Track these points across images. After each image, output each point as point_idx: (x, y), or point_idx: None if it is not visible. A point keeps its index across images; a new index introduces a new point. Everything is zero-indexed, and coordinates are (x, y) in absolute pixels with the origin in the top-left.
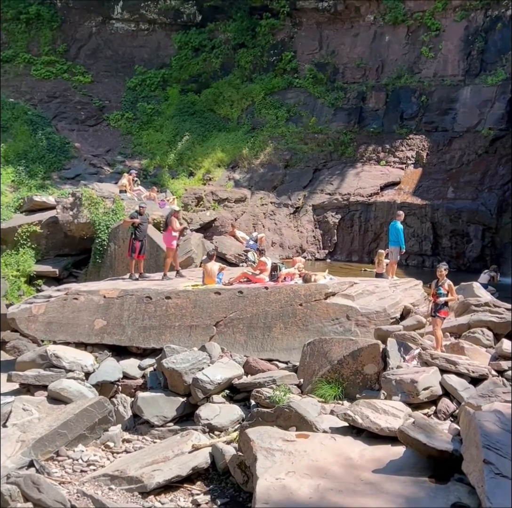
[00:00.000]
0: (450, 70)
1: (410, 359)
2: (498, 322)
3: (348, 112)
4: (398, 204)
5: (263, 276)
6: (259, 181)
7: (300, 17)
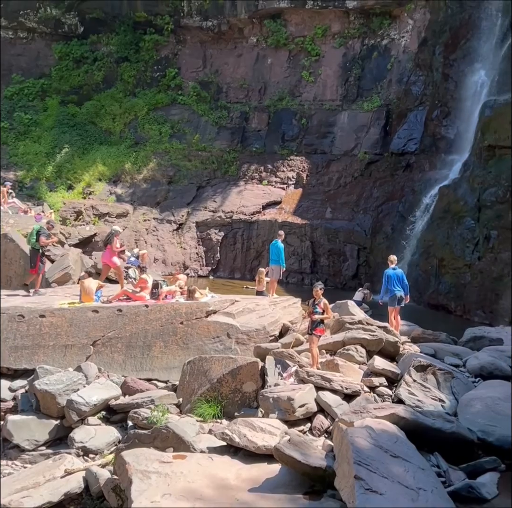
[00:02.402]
0: (329, 95)
1: (288, 376)
2: (371, 339)
3: (232, 131)
4: (279, 223)
5: (144, 294)
6: (142, 196)
7: (184, 34)
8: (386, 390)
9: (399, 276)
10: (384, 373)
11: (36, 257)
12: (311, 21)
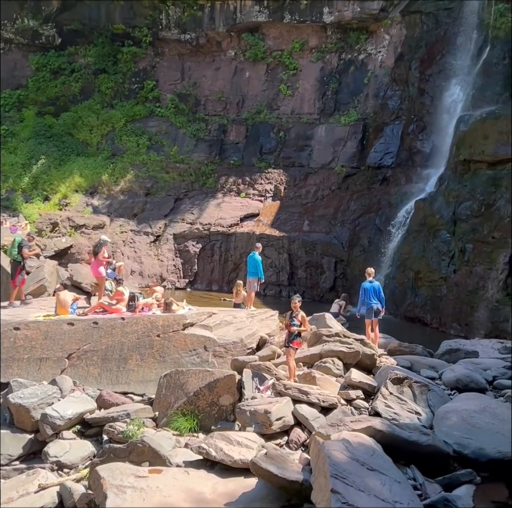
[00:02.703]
0: (306, 108)
1: (265, 389)
2: (348, 352)
3: (210, 143)
4: (257, 235)
5: (120, 306)
6: (119, 208)
7: (162, 47)
8: (363, 403)
9: (375, 288)
10: (361, 385)
11: (16, 269)
12: (289, 35)
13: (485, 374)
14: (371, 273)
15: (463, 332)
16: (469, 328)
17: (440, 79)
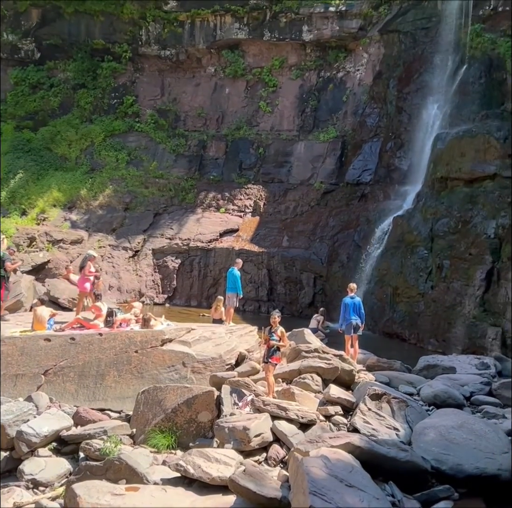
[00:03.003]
0: (285, 125)
1: (243, 405)
2: (326, 368)
3: (189, 159)
4: (237, 251)
5: (98, 322)
6: (97, 223)
7: (142, 62)
8: (342, 419)
9: (356, 304)
10: (340, 401)
11: (0, 284)
12: (268, 53)
13: (463, 390)
14: (353, 288)
15: (440, 348)
16: (447, 344)
17: (418, 97)
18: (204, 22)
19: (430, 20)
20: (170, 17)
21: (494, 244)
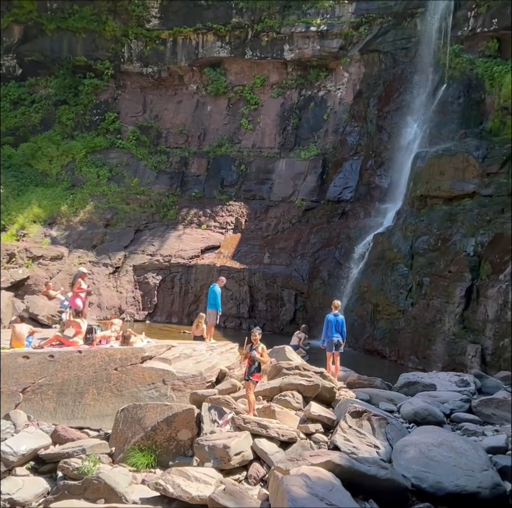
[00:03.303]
0: (267, 142)
1: (224, 423)
2: (307, 385)
3: (171, 175)
4: (218, 267)
5: (77, 339)
6: (78, 239)
7: (124, 79)
8: (322, 437)
9: (339, 322)
10: (320, 419)
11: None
12: (250, 71)
13: (443, 407)
14: (337, 306)
15: (421, 365)
16: (427, 361)
17: (398, 116)
18: (186, 40)
19: (410, 41)
20: (152, 35)
21: (473, 262)
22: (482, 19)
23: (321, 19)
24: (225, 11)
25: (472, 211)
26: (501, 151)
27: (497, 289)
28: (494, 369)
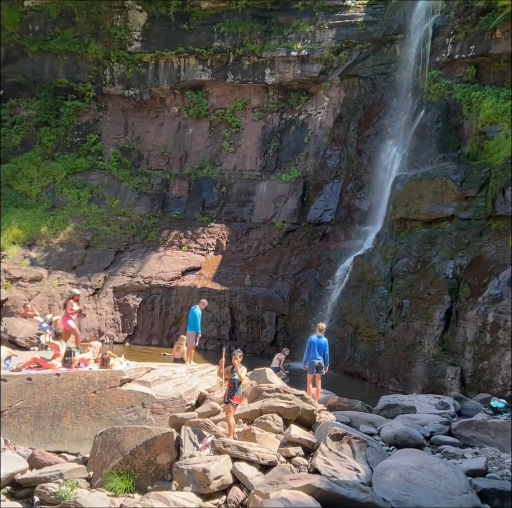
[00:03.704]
0: (248, 165)
1: (204, 447)
2: (288, 408)
3: (152, 197)
4: (199, 289)
5: (55, 361)
6: (58, 261)
7: (106, 101)
8: (303, 460)
9: (321, 344)
10: (301, 442)
11: None
12: (231, 94)
13: (423, 430)
14: (322, 328)
15: (401, 387)
16: (407, 383)
17: (377, 140)
18: (168, 63)
19: (389, 66)
20: (134, 58)
21: (452, 284)
22: (459, 45)
23: (302, 44)
24: (207, 35)
25: (451, 234)
26: (479, 175)
27: (476, 312)
28: (474, 391)
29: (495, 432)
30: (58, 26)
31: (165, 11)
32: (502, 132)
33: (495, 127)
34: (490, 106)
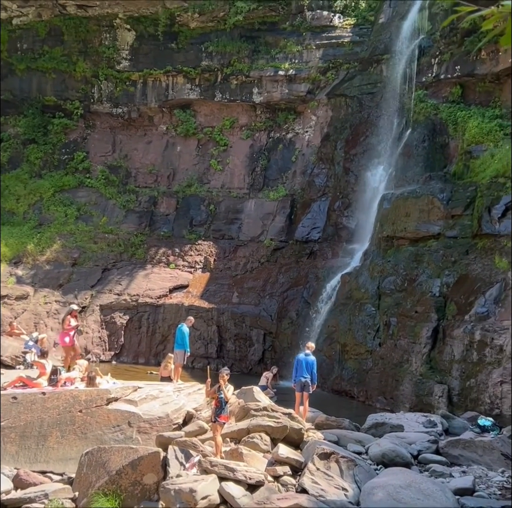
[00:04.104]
0: (236, 183)
1: (191, 466)
2: (275, 427)
3: (140, 214)
4: (186, 307)
5: (41, 380)
6: (44, 278)
7: (94, 119)
8: (290, 480)
9: (308, 362)
10: (288, 461)
11: None
12: (219, 113)
13: (410, 448)
14: (310, 347)
15: (388, 406)
16: (395, 402)
17: (364, 159)
18: (156, 81)
19: (376, 86)
20: (122, 76)
21: (439, 302)
22: (445, 66)
23: (289, 64)
24: (195, 54)
25: (437, 252)
26: (465, 194)
27: (462, 330)
28: (461, 409)
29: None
30: (47, 45)
31: (154, 30)
32: (488, 152)
33: (481, 146)
34: (475, 126)
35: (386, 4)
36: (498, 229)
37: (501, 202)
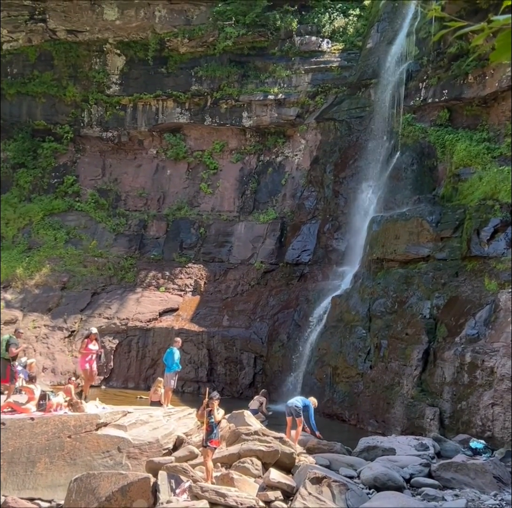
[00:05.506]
0: (226, 206)
1: (181, 492)
2: (267, 451)
3: (129, 238)
4: (176, 330)
5: (30, 406)
6: (33, 303)
7: (84, 143)
8: (282, 504)
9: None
10: (280, 486)
11: (7, 367)
12: (209, 137)
13: (402, 472)
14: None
15: (380, 429)
16: (386, 425)
17: (353, 182)
18: (146, 106)
19: (364, 110)
20: (112, 101)
21: (430, 324)
22: (433, 90)
23: (278, 88)
24: (185, 78)
25: (427, 274)
26: (454, 216)
27: (453, 352)
28: (453, 432)
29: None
30: (37, 69)
31: (144, 55)
32: (476, 174)
33: (469, 169)
34: (463, 149)
35: (374, 29)
36: (487, 251)
37: (489, 224)
